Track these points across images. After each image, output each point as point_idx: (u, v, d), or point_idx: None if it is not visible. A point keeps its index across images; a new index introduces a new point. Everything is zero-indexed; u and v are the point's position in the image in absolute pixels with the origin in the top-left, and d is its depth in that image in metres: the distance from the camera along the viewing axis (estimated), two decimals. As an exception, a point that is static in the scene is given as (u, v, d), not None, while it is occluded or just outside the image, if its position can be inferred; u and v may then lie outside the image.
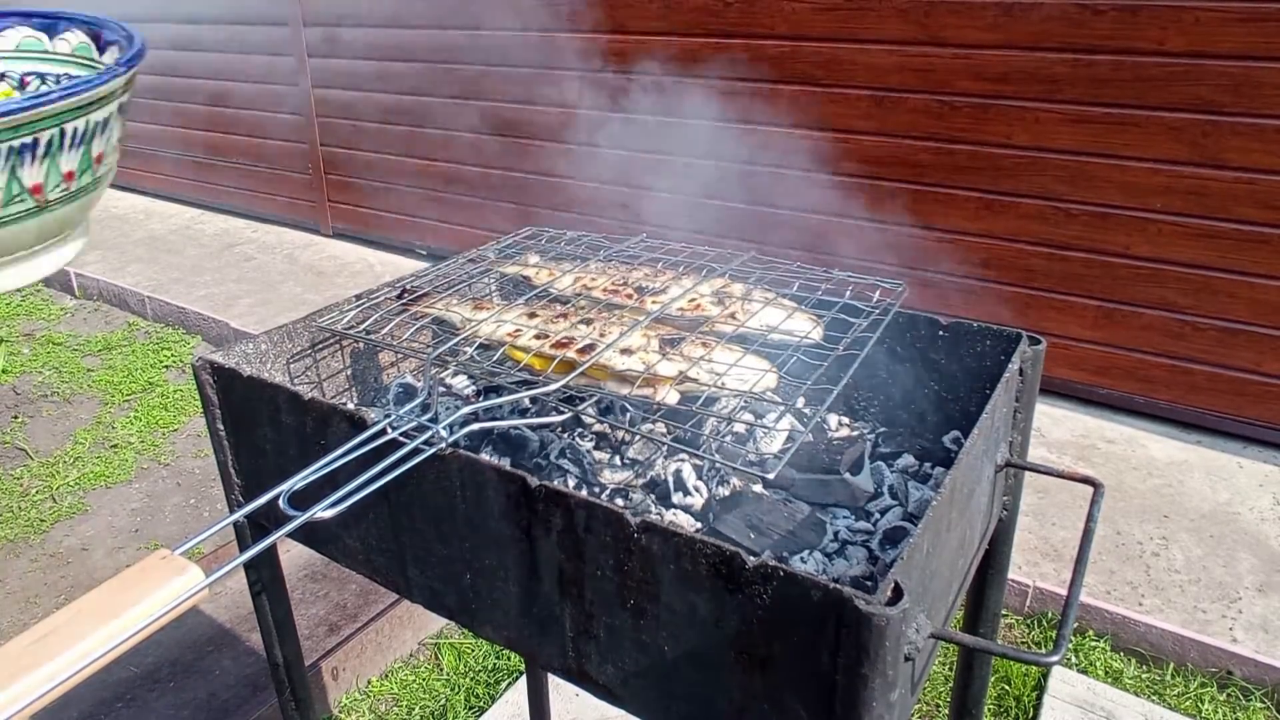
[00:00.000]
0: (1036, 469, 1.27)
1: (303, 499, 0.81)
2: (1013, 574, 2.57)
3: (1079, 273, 3.33)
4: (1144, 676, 2.43)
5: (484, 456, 1.00)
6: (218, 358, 1.25)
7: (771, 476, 0.92)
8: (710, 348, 1.13)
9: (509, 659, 2.52)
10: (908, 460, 1.29)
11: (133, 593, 0.62)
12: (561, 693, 2.26)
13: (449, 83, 4.72)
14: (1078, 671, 2.42)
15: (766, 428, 1.25)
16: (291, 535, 0.79)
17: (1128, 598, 2.56)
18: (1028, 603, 2.62)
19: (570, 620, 0.98)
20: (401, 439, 0.94)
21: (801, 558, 1.09)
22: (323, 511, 0.79)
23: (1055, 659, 0.87)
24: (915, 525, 0.88)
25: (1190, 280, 3.14)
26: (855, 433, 1.35)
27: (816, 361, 1.11)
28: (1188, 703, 2.33)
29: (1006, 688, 2.37)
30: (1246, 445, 3.24)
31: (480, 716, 2.32)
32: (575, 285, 1.34)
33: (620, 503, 1.06)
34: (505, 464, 0.98)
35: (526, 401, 1.16)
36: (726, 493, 1.19)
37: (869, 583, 1.04)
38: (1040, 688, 2.34)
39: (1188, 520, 2.87)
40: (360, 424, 1.03)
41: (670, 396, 1.08)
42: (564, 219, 4.37)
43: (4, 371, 4.41)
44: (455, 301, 1.33)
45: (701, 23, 3.81)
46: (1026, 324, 3.19)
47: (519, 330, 1.18)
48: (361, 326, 1.28)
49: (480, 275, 1.49)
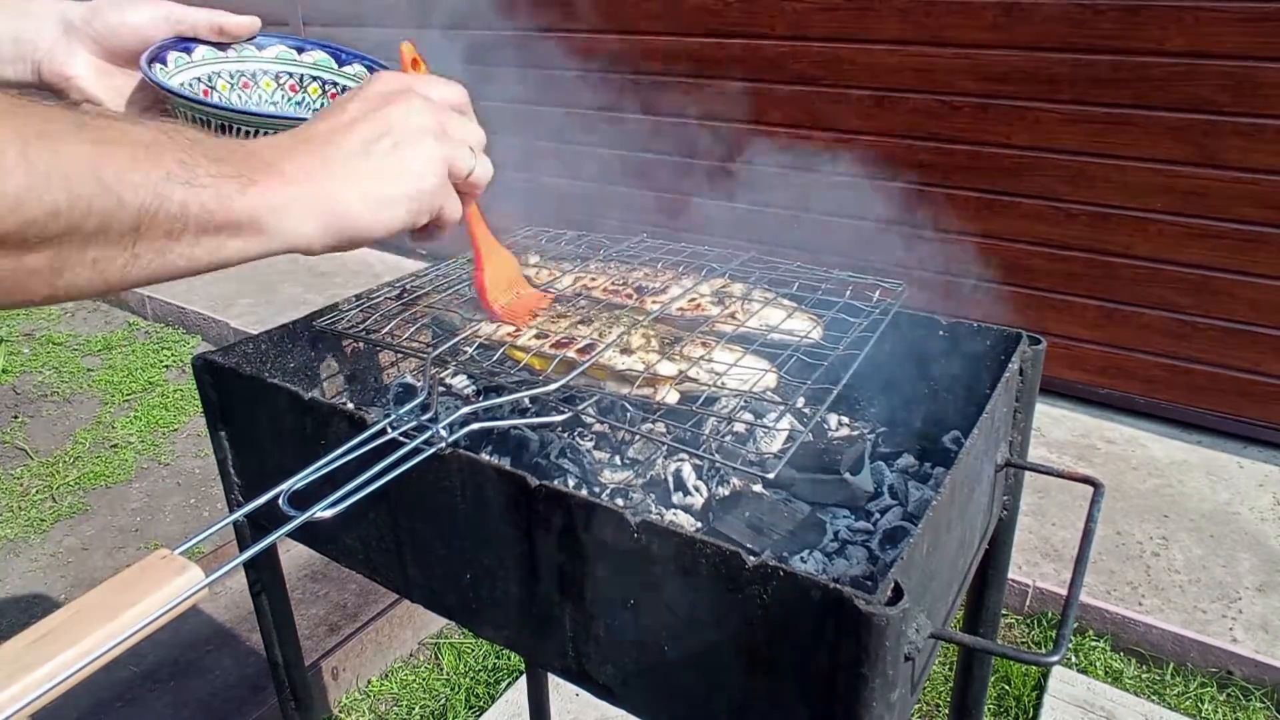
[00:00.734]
0: (1036, 469, 1.27)
1: (302, 499, 0.81)
2: (1013, 574, 2.57)
3: (1079, 273, 3.33)
4: (1144, 676, 2.43)
5: (484, 456, 1.00)
6: (217, 358, 1.25)
7: (771, 476, 0.92)
8: (710, 347, 1.13)
9: (509, 659, 2.52)
10: (908, 460, 1.29)
11: (133, 592, 0.62)
12: (561, 693, 2.26)
13: (449, 83, 4.71)
14: (1078, 671, 2.42)
15: (766, 427, 1.25)
16: (291, 535, 0.79)
17: (1128, 598, 2.56)
18: (1028, 603, 2.62)
19: (570, 620, 0.98)
20: (401, 439, 0.94)
21: (801, 558, 1.09)
22: (322, 511, 0.79)
23: (1055, 659, 0.87)
24: (915, 525, 0.88)
25: (1190, 280, 3.14)
26: (855, 433, 1.35)
27: (816, 361, 1.11)
28: (1188, 703, 2.33)
29: (1006, 688, 2.37)
30: (1246, 445, 3.24)
31: (480, 716, 2.32)
32: (575, 285, 1.34)
33: (620, 503, 1.06)
34: (505, 464, 0.98)
35: (526, 401, 1.16)
36: (726, 492, 1.19)
37: (869, 583, 1.04)
38: (1040, 688, 2.34)
39: (1188, 520, 2.87)
40: (360, 424, 1.03)
41: (670, 396, 1.08)
42: (564, 219, 4.37)
43: (4, 371, 4.41)
44: (455, 301, 1.33)
45: (702, 22, 3.80)
46: (1026, 324, 3.17)
47: (519, 330, 1.18)
48: (361, 326, 1.28)
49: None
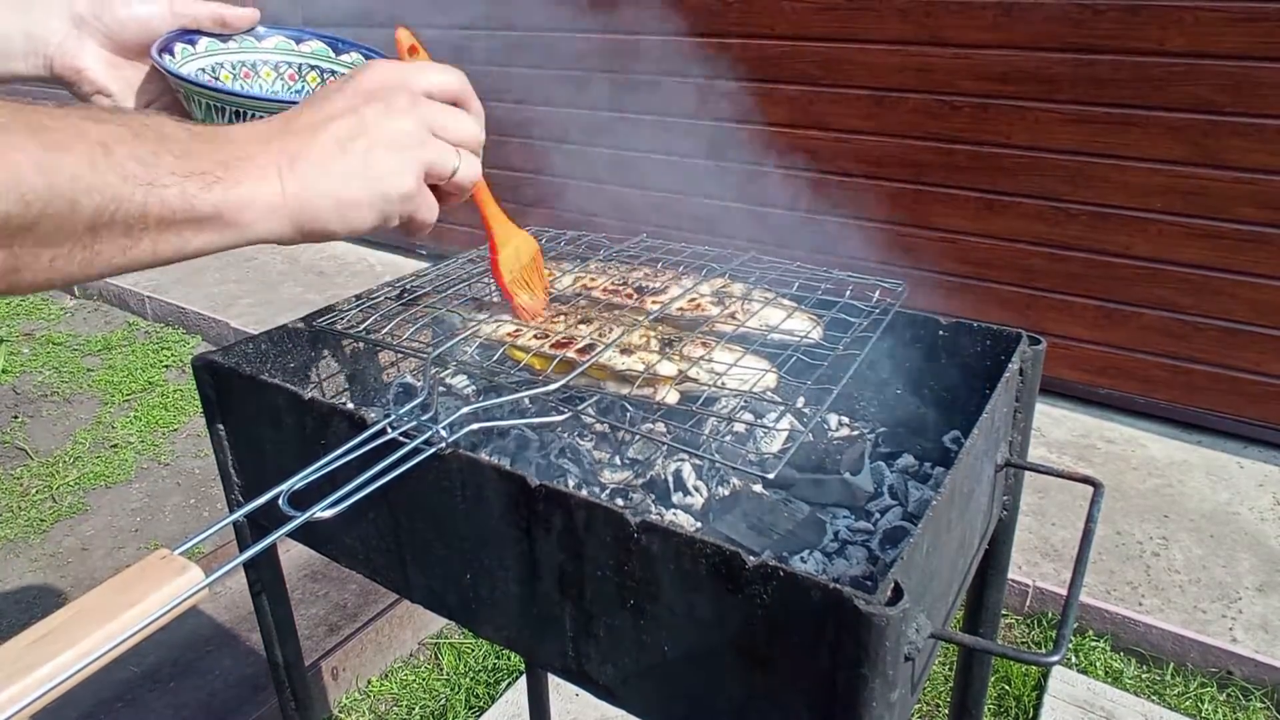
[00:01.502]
0: (1036, 469, 1.27)
1: (302, 499, 0.81)
2: (1013, 574, 2.58)
3: (1079, 273, 3.33)
4: (1144, 676, 2.43)
5: (484, 456, 1.00)
6: (217, 358, 1.25)
7: (771, 476, 0.92)
8: (710, 348, 1.13)
9: (509, 659, 2.52)
10: (908, 460, 1.29)
11: (133, 593, 0.62)
12: (561, 693, 2.26)
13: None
14: (1078, 671, 2.42)
15: (766, 428, 1.25)
16: (291, 535, 0.79)
17: (1128, 598, 2.56)
18: (1028, 603, 2.62)
19: (570, 620, 0.98)
20: (401, 439, 0.94)
21: (801, 558, 1.09)
22: (322, 511, 0.79)
23: (1055, 659, 0.87)
24: (915, 525, 0.87)
25: (1190, 280, 3.14)
26: (855, 433, 1.35)
27: (816, 361, 1.11)
28: (1188, 703, 2.33)
29: (1006, 688, 2.37)
30: (1246, 445, 3.24)
31: (480, 716, 2.32)
32: (575, 285, 1.34)
33: (620, 503, 1.06)
34: (505, 464, 0.98)
35: (526, 401, 1.16)
36: (726, 492, 1.19)
37: (869, 583, 1.04)
38: (1040, 688, 2.34)
39: (1188, 520, 2.87)
40: (360, 424, 1.03)
41: (670, 396, 1.08)
42: (564, 219, 4.37)
43: (4, 371, 4.41)
44: (455, 301, 1.33)
45: (701, 22, 3.80)
46: (1026, 324, 3.19)
47: (519, 330, 1.18)
48: (361, 326, 1.28)
49: (480, 275, 1.49)
